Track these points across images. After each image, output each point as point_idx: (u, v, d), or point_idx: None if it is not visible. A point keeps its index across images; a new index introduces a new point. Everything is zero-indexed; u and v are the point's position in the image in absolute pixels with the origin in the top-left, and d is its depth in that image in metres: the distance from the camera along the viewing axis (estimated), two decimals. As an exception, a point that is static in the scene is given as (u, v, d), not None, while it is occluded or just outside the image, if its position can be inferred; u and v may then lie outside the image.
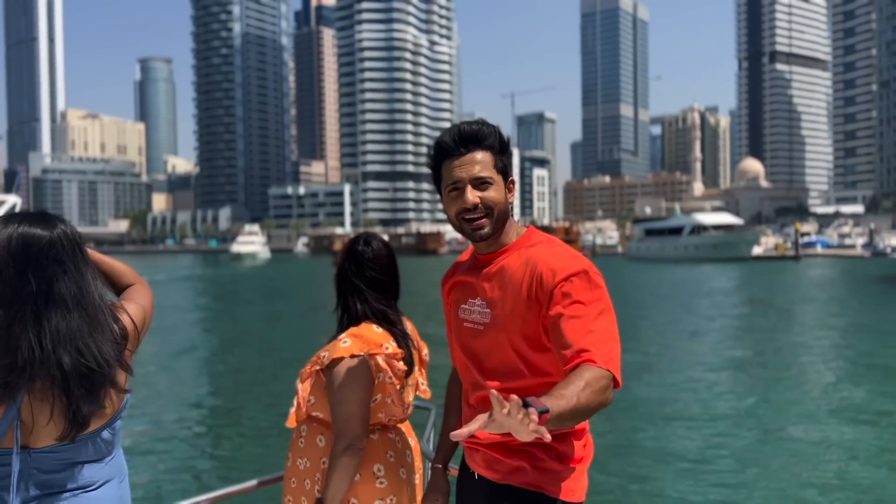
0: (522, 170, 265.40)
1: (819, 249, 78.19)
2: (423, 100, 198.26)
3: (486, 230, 1.92)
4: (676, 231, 75.33)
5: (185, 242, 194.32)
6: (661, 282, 44.25)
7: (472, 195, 1.90)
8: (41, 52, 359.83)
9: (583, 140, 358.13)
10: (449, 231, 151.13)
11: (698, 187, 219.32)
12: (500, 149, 1.96)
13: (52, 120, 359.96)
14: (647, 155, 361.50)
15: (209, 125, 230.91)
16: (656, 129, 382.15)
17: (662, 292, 36.86)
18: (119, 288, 1.98)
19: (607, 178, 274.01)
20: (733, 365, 16.08)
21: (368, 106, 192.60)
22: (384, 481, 2.30)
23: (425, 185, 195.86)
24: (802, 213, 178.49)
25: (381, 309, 2.39)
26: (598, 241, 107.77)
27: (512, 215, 2.01)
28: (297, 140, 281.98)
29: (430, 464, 2.45)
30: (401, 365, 2.35)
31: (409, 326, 2.52)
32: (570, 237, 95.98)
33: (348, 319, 2.38)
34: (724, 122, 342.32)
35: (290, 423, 2.36)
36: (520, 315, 1.88)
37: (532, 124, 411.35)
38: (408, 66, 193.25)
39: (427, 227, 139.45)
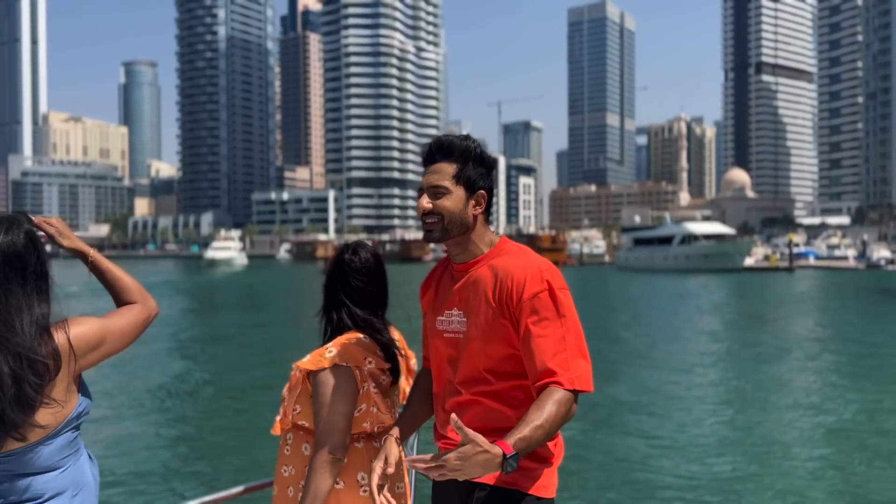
0: (509, 178, 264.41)
1: (812, 261, 77.00)
2: (410, 106, 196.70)
3: (434, 234, 2.03)
4: (666, 240, 73.85)
5: (166, 247, 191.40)
6: (655, 294, 42.61)
7: (424, 201, 2.03)
8: (24, 54, 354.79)
9: (569, 149, 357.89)
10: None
11: (684, 197, 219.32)
12: (474, 161, 2.04)
13: (34, 122, 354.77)
14: (632, 164, 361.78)
15: (192, 129, 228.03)
16: (642, 139, 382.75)
17: (658, 305, 35.17)
18: (119, 302, 1.99)
19: (593, 187, 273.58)
20: (745, 394, 14.34)
21: (354, 112, 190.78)
22: (367, 489, 2.28)
23: (410, 192, 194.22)
24: (788, 223, 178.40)
25: (366, 318, 2.40)
26: (586, 250, 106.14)
27: (489, 225, 2.11)
28: (283, 145, 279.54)
29: (414, 472, 2.52)
30: (385, 376, 2.38)
31: (397, 335, 2.53)
32: (556, 245, 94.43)
33: (333, 329, 2.39)
34: (709, 132, 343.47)
35: (276, 430, 2.36)
36: (491, 323, 1.99)
37: (518, 132, 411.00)
38: (394, 72, 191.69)
39: (412, 235, 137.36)
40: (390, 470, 2.08)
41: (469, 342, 2.04)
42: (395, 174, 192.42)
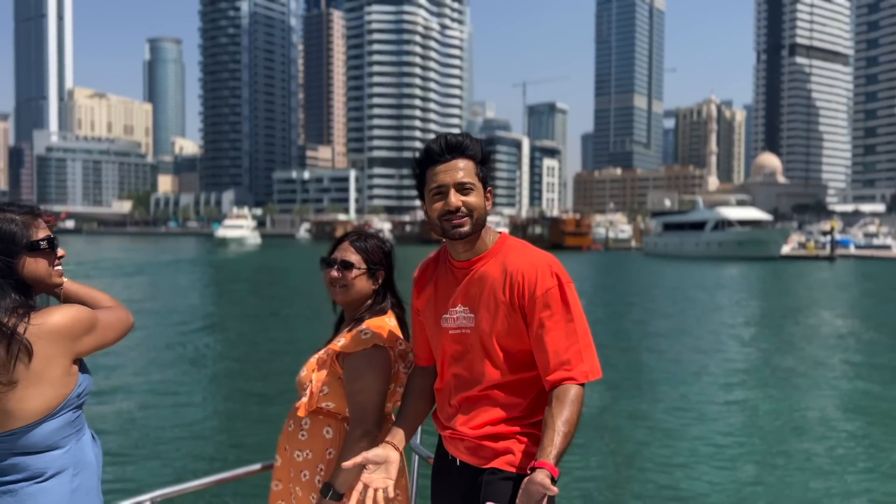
0: (532, 160, 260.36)
1: (853, 249, 73.06)
2: (433, 85, 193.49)
3: (466, 228, 2.06)
4: (698, 226, 70.42)
5: (187, 225, 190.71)
6: (689, 283, 39.77)
7: (455, 198, 2.04)
8: (50, 30, 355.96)
9: (594, 131, 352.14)
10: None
11: (713, 181, 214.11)
12: (482, 160, 2.11)
13: (60, 98, 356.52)
14: (659, 148, 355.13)
15: (214, 106, 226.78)
16: (669, 122, 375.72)
17: (695, 296, 32.39)
18: None
19: (618, 171, 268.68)
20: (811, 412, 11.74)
21: (376, 90, 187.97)
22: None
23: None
24: (820, 210, 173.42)
25: (399, 302, 2.49)
26: (611, 234, 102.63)
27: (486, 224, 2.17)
28: (305, 124, 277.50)
29: (417, 457, 2.61)
30: (411, 356, 2.42)
31: None
32: (580, 230, 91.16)
33: (370, 309, 2.42)
34: (739, 115, 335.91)
35: (302, 412, 2.36)
36: (503, 319, 2.06)
37: (543, 114, 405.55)
38: (418, 49, 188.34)
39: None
40: (390, 484, 2.07)
41: (478, 337, 2.10)
42: (417, 154, 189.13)
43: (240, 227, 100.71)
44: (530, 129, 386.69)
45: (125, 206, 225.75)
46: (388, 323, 2.38)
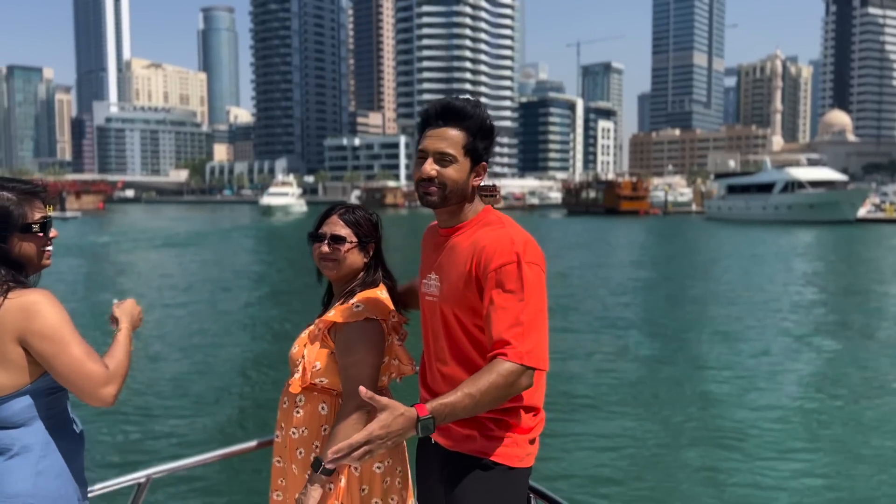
0: (587, 121, 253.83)
1: (939, 212, 67.83)
2: (484, 46, 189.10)
3: (433, 198, 2.01)
4: (766, 188, 66.11)
5: (242, 193, 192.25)
6: (766, 250, 36.65)
7: (429, 167, 1.99)
8: (108, 2, 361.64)
9: (652, 91, 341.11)
10: (508, 185, 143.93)
11: (778, 141, 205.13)
12: (480, 132, 2.01)
13: (119, 70, 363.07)
14: (720, 107, 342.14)
15: (266, 74, 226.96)
16: (730, 80, 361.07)
17: (777, 268, 29.50)
18: None
19: (677, 132, 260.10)
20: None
21: (426, 53, 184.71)
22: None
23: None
24: (894, 170, 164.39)
25: (391, 273, 2.46)
26: (670, 198, 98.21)
27: (483, 197, 2.13)
28: (356, 90, 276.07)
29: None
30: (403, 330, 2.42)
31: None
32: (637, 193, 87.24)
33: (362, 282, 2.37)
34: (805, 71, 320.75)
35: (295, 388, 2.30)
36: (461, 292, 2.00)
37: (598, 74, 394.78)
38: (468, 10, 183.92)
39: (485, 181, 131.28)
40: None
41: (441, 306, 2.07)
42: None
43: (285, 195, 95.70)
44: (584, 90, 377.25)
45: (182, 175, 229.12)
46: (380, 295, 2.33)
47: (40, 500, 1.78)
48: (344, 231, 2.33)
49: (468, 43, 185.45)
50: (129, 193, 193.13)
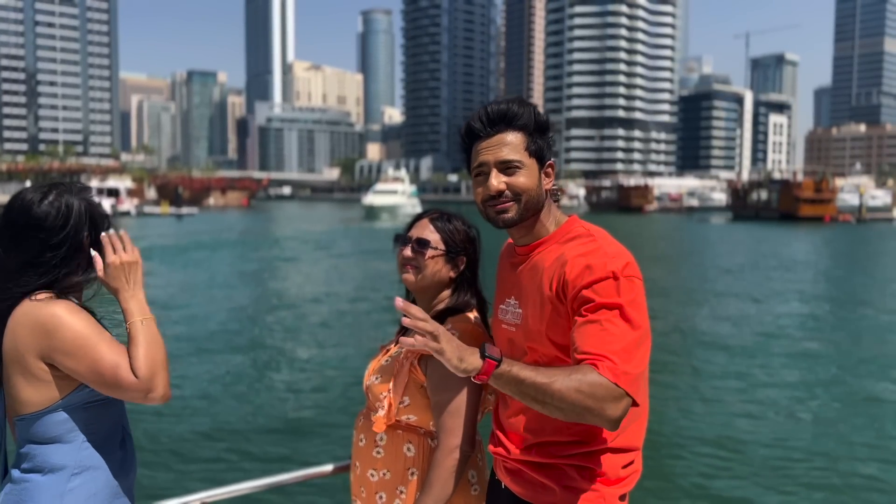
0: (756, 116, 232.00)
1: None
2: (641, 36, 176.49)
3: (510, 215, 1.76)
4: None
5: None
6: None
7: (496, 180, 1.74)
8: (275, 7, 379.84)
9: (833, 83, 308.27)
10: (663, 184, 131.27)
11: None
12: (537, 129, 1.77)
13: (284, 72, 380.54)
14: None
15: (416, 72, 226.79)
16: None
17: None
18: None
19: (862, 127, 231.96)
20: None
21: (577, 44, 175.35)
22: (478, 488, 2.06)
23: (637, 133, 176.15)
24: None
25: (482, 299, 2.16)
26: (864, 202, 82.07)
27: (557, 202, 1.87)
28: (505, 87, 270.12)
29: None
30: None
31: None
32: (821, 196, 73.12)
33: (448, 308, 2.09)
34: None
35: (380, 427, 2.03)
36: (547, 318, 1.73)
37: (769, 67, 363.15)
38: (623, 8, 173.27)
39: (636, 181, 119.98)
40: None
41: (523, 337, 1.80)
42: (621, 112, 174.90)
43: (393, 193, 78.19)
44: (754, 83, 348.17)
45: (334, 174, 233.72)
46: (474, 321, 2.07)
47: None
48: (432, 237, 2.06)
49: (623, 32, 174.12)
50: (286, 191, 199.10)
